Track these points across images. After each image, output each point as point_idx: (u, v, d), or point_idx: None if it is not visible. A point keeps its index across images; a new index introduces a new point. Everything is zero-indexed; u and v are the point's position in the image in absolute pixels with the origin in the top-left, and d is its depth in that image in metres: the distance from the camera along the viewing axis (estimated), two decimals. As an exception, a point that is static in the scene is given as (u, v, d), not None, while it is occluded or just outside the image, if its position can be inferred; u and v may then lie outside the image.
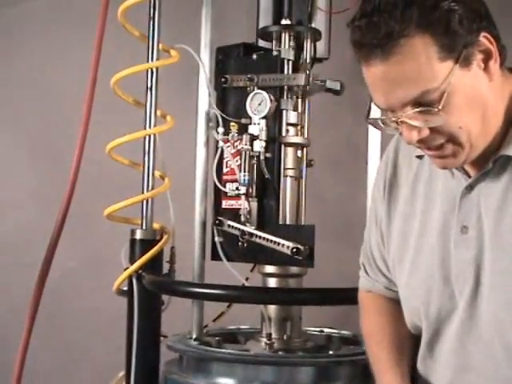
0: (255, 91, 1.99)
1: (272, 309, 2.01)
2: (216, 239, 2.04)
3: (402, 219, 1.37)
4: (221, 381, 1.90)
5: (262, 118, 1.98)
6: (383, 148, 1.49)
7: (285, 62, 2.00)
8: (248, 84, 2.00)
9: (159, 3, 2.08)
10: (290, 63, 2.01)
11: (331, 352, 1.98)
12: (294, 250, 1.88)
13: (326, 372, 1.90)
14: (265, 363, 1.89)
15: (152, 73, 2.08)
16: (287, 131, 2.01)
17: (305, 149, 2.07)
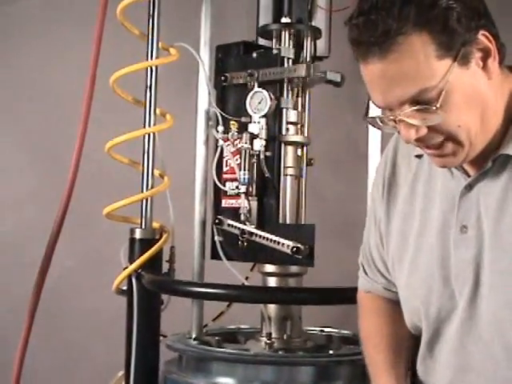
0: (255, 89, 1.98)
1: (272, 308, 2.01)
2: (216, 238, 2.04)
3: (401, 219, 1.36)
4: (220, 380, 1.89)
5: (262, 117, 1.97)
6: (383, 147, 1.48)
7: (285, 60, 2.00)
8: (248, 79, 1.99)
9: (159, 1, 2.07)
10: (290, 61, 2.00)
11: (331, 352, 1.98)
12: (294, 249, 1.87)
13: (326, 372, 1.90)
14: (265, 363, 1.89)
15: (151, 71, 2.07)
16: (287, 130, 2.00)
17: (305, 147, 2.06)
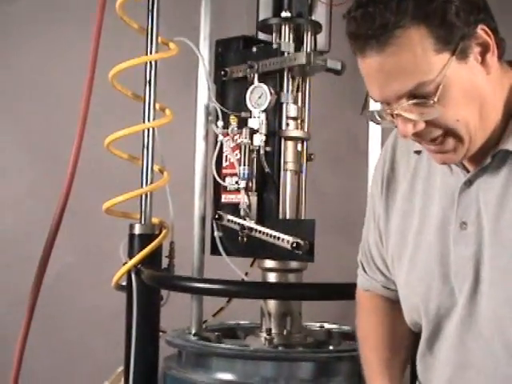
0: (255, 84, 1.97)
1: (272, 304, 2.00)
2: (215, 234, 2.04)
3: (400, 216, 1.35)
4: (220, 376, 1.89)
5: (262, 112, 1.97)
6: (384, 142, 1.47)
7: (285, 55, 1.99)
8: (248, 72, 1.98)
9: (158, -4, 2.07)
10: (291, 56, 1.99)
11: (331, 347, 1.98)
12: (294, 245, 1.87)
13: (326, 367, 1.89)
14: (264, 358, 1.88)
15: (151, 66, 2.07)
16: (287, 125, 2.00)
17: (305, 143, 2.06)
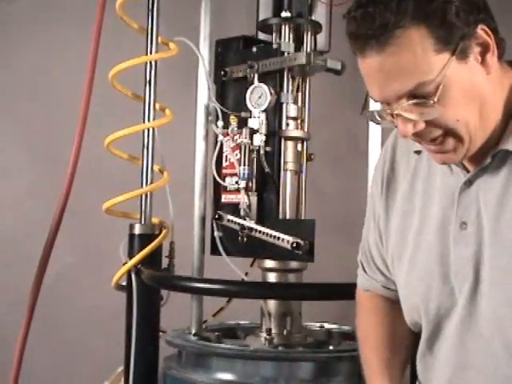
0: (255, 84, 1.97)
1: (272, 304, 2.00)
2: (215, 234, 2.04)
3: (400, 216, 1.35)
4: (220, 376, 1.89)
5: (262, 112, 1.97)
6: (384, 142, 1.47)
7: (285, 55, 1.98)
8: (248, 72, 1.98)
9: (158, -4, 2.07)
10: (291, 56, 1.99)
11: (331, 347, 1.97)
12: (294, 245, 1.86)
13: (326, 367, 1.89)
14: (264, 358, 1.88)
15: (151, 66, 2.07)
16: (287, 125, 2.00)
17: (305, 143, 2.05)
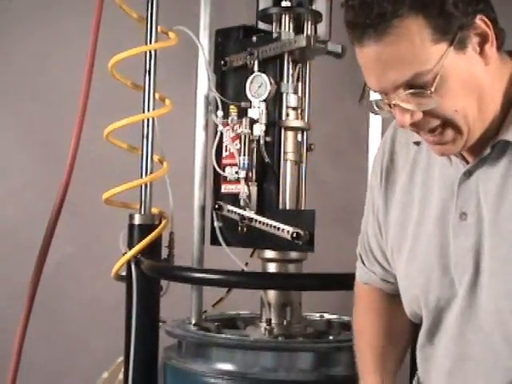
0: (255, 74, 1.97)
1: (272, 294, 2.00)
2: (215, 224, 2.03)
3: (400, 208, 1.35)
4: (220, 366, 1.89)
5: (262, 102, 1.96)
6: (384, 133, 1.47)
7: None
8: (248, 58, 1.97)
9: (158, -15, 2.06)
10: (290, 46, 1.98)
11: (331, 337, 1.97)
12: (294, 235, 1.86)
13: (326, 357, 1.89)
14: (264, 349, 1.88)
15: (150, 55, 2.06)
16: (287, 115, 1.99)
17: (305, 133, 2.05)
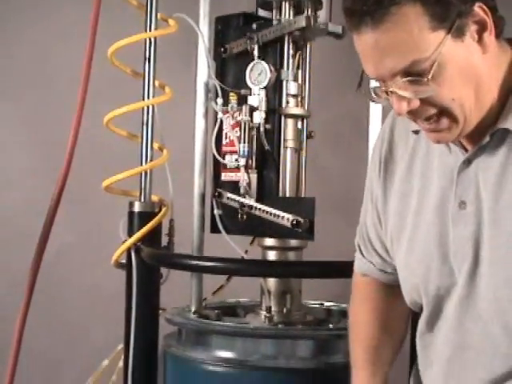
0: (255, 61, 1.96)
1: (271, 282, 2.00)
2: (215, 212, 2.03)
3: (399, 198, 1.34)
4: (220, 354, 1.89)
5: (262, 89, 1.96)
6: (384, 121, 1.46)
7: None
8: (248, 43, 1.97)
9: (157, -28, 2.05)
10: (290, 33, 1.97)
11: (331, 325, 1.97)
12: (294, 223, 1.86)
13: (326, 345, 1.90)
14: (264, 336, 1.89)
15: (150, 43, 2.05)
16: (287, 102, 1.99)
17: (305, 120, 2.05)
